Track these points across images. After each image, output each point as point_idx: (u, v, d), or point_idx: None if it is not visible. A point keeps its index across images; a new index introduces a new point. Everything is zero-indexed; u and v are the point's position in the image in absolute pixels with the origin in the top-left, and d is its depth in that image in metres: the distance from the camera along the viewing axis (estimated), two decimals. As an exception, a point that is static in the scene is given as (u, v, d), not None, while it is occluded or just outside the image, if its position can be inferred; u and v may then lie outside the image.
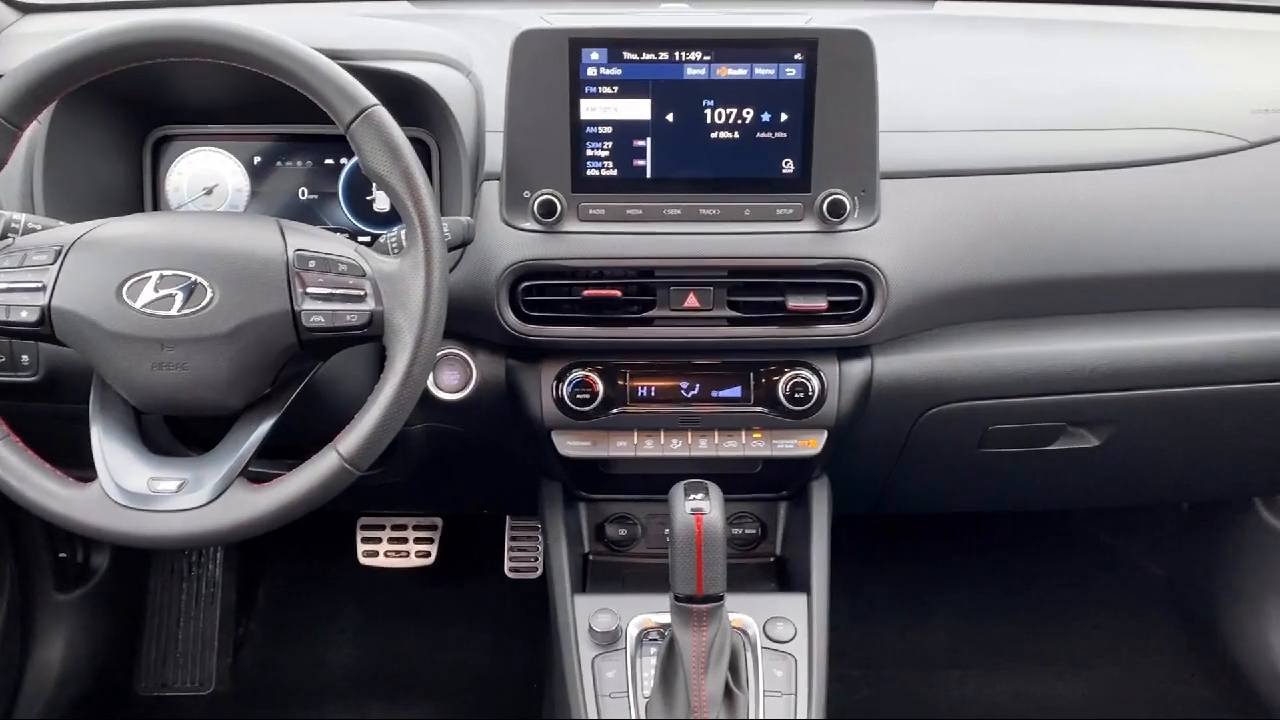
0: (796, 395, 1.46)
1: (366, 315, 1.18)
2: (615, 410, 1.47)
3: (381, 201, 1.53)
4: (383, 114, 1.17)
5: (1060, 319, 1.53)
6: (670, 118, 1.37)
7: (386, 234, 1.27)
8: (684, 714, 1.27)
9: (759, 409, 1.48)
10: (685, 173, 1.39)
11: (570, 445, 1.50)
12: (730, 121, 1.37)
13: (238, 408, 1.22)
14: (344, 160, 1.53)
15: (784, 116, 1.37)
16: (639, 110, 1.37)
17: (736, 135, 1.38)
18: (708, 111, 1.37)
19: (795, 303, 1.40)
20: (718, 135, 1.38)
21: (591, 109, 1.37)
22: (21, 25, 1.73)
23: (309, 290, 1.18)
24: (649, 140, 1.38)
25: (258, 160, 1.53)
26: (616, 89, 1.36)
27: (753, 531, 1.67)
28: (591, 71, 1.36)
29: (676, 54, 1.35)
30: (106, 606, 2.20)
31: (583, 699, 1.41)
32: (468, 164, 1.41)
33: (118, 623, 2.25)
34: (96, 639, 2.17)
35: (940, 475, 1.75)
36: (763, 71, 1.36)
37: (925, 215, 1.43)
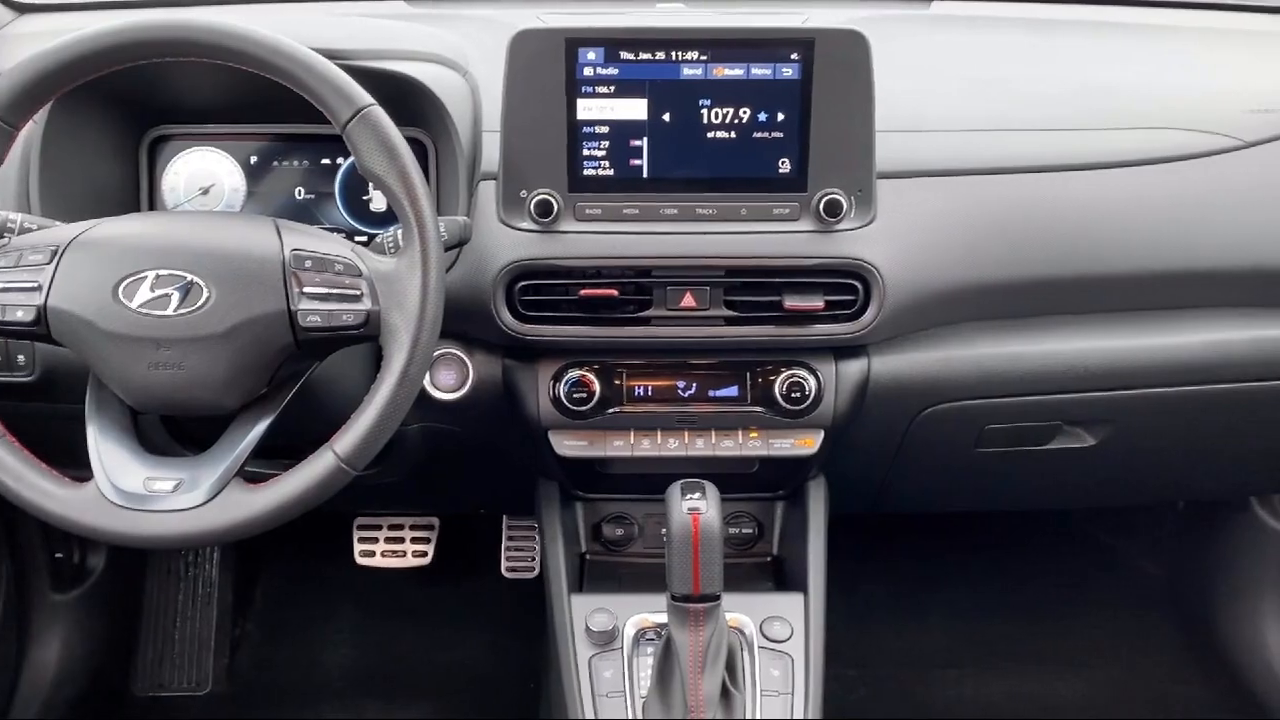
0: (793, 395, 1.46)
1: (363, 315, 1.18)
2: (612, 410, 1.47)
3: (378, 201, 1.53)
4: (379, 114, 1.17)
5: (1057, 319, 1.53)
6: (667, 117, 1.37)
7: (383, 234, 1.27)
8: (681, 714, 1.27)
9: (756, 409, 1.48)
10: (682, 172, 1.39)
11: (567, 445, 1.50)
12: (727, 121, 1.37)
13: (234, 407, 1.22)
14: (340, 160, 1.53)
15: (780, 116, 1.37)
16: (635, 110, 1.37)
17: (733, 135, 1.38)
18: (704, 111, 1.37)
19: (792, 302, 1.40)
20: (714, 135, 1.38)
21: (588, 109, 1.37)
22: (18, 25, 1.73)
23: (305, 290, 1.18)
24: (645, 140, 1.38)
25: (254, 160, 1.53)
26: (613, 89, 1.36)
27: (749, 531, 1.67)
28: (588, 71, 1.36)
29: (673, 54, 1.35)
30: (103, 607, 2.19)
31: (579, 699, 1.41)
32: (464, 164, 1.41)
33: (114, 623, 2.24)
34: (93, 639, 2.16)
35: (937, 475, 1.75)
36: (759, 71, 1.36)
37: (922, 215, 1.43)
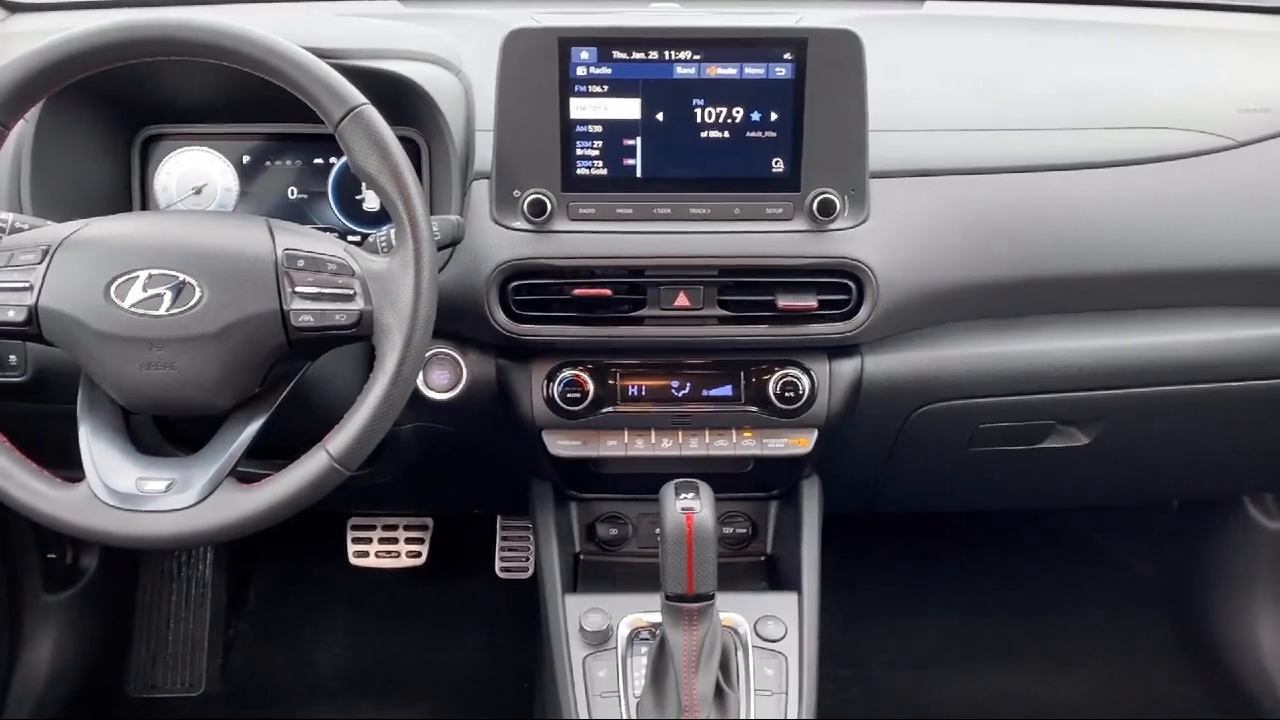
0: (787, 394, 1.46)
1: (356, 315, 1.18)
2: (606, 409, 1.47)
3: (371, 201, 1.53)
4: (372, 113, 1.17)
5: (1050, 318, 1.53)
6: (660, 117, 1.37)
7: (376, 233, 1.27)
8: (675, 713, 1.27)
9: (749, 408, 1.48)
10: (675, 172, 1.39)
11: (561, 445, 1.49)
12: (720, 121, 1.37)
13: (226, 407, 1.22)
14: (333, 160, 1.52)
15: (774, 116, 1.37)
16: (629, 109, 1.37)
17: (726, 135, 1.38)
18: (698, 111, 1.37)
19: (785, 302, 1.40)
20: (708, 134, 1.38)
21: (581, 108, 1.37)
22: (9, 24, 1.72)
23: (298, 290, 1.18)
24: (639, 139, 1.38)
25: (247, 159, 1.53)
26: (606, 88, 1.36)
27: (743, 531, 1.67)
28: (581, 71, 1.36)
29: (666, 53, 1.35)
30: (95, 607, 2.19)
31: (574, 699, 1.41)
32: (457, 163, 1.41)
33: (107, 623, 2.24)
34: (86, 640, 2.16)
35: (930, 474, 1.75)
36: (752, 71, 1.36)
37: (915, 214, 1.43)
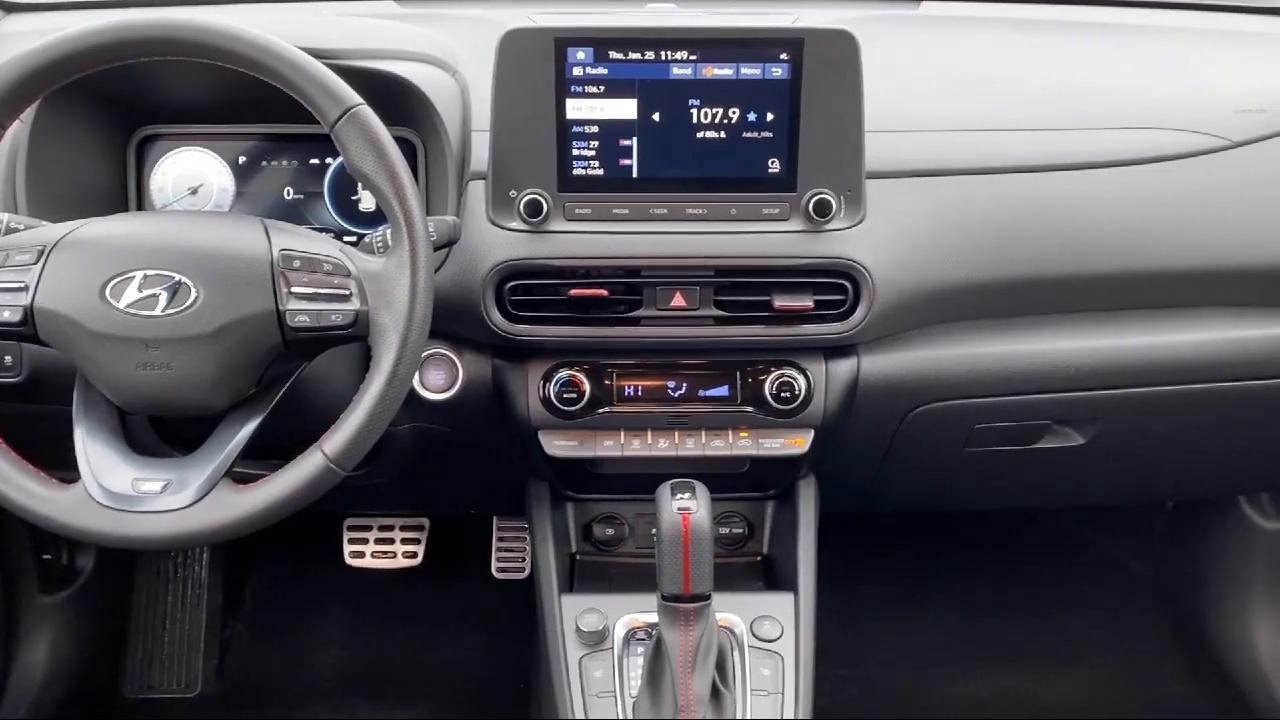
0: (783, 394, 1.46)
1: (351, 315, 1.18)
2: (602, 410, 1.47)
3: (367, 201, 1.53)
4: (368, 113, 1.17)
5: (1045, 318, 1.54)
6: (656, 117, 1.37)
7: (372, 234, 1.26)
8: (671, 713, 1.27)
9: (746, 408, 1.48)
10: (671, 172, 1.39)
11: (557, 445, 1.49)
12: (716, 121, 1.37)
13: (222, 408, 1.22)
14: (329, 160, 1.52)
15: (770, 116, 1.37)
16: (625, 110, 1.37)
17: (723, 135, 1.38)
18: (694, 111, 1.37)
19: (781, 302, 1.40)
20: (704, 135, 1.38)
21: (577, 108, 1.37)
22: (6, 24, 1.72)
23: (294, 290, 1.18)
24: (635, 140, 1.38)
25: (243, 160, 1.53)
26: (602, 88, 1.36)
27: (740, 531, 1.67)
28: (577, 71, 1.36)
29: (662, 54, 1.35)
30: (91, 608, 2.19)
31: (570, 699, 1.41)
32: (453, 163, 1.41)
33: (103, 625, 2.23)
34: (81, 641, 2.15)
35: (927, 474, 1.75)
36: (749, 71, 1.36)
37: (911, 215, 1.43)
